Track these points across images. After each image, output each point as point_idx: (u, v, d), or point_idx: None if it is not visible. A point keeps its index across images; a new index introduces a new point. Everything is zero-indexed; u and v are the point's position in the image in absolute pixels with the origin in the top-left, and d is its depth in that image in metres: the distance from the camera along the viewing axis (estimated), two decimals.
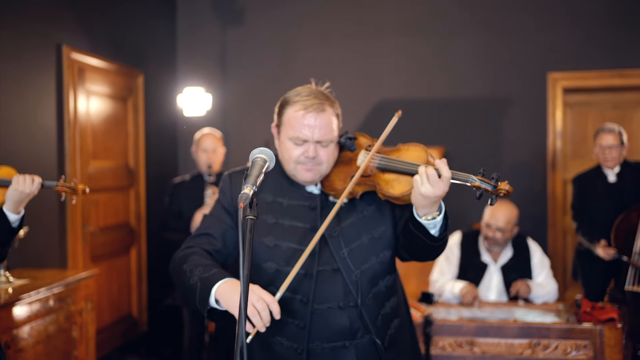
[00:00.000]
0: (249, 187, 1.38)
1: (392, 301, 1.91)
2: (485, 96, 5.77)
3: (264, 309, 1.58)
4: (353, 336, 1.82)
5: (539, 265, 3.55)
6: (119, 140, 5.16)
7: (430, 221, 1.75)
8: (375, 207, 1.89)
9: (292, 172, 1.87)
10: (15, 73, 3.92)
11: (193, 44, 6.22)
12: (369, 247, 1.85)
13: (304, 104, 1.82)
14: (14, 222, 2.41)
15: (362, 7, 5.93)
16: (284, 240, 1.83)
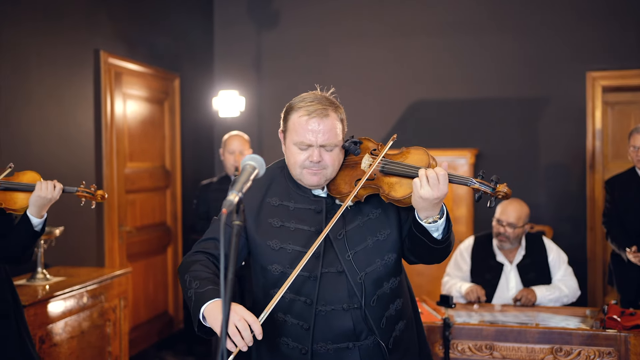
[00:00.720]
0: (234, 194, 1.42)
1: (397, 303, 1.92)
2: (520, 96, 5.68)
3: (245, 329, 1.59)
4: (357, 338, 1.84)
5: (556, 262, 3.53)
6: (156, 142, 5.29)
7: (432, 224, 1.77)
8: (382, 211, 1.91)
9: (298, 177, 1.90)
10: (55, 78, 4.07)
11: (229, 47, 6.33)
12: (373, 249, 1.87)
13: (308, 109, 1.84)
14: (36, 225, 2.52)
15: (395, 7, 5.92)
16: (289, 242, 1.86)
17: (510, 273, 3.53)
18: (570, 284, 3.45)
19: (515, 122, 5.67)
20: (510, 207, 3.51)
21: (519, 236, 3.53)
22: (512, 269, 3.54)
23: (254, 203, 1.93)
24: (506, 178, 5.67)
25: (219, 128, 6.13)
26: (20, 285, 3.40)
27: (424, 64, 5.88)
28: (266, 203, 1.92)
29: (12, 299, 2.65)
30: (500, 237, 3.52)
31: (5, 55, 3.66)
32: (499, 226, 3.53)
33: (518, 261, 3.55)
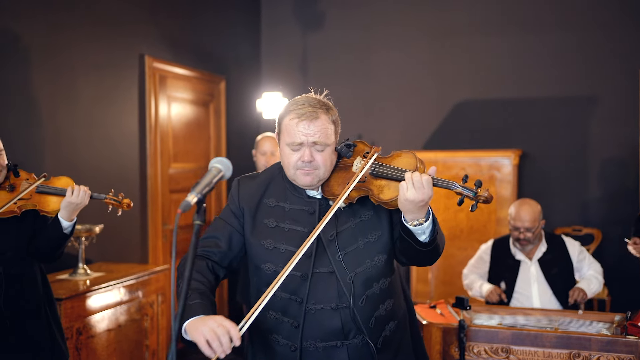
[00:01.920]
0: (192, 195, 1.47)
1: (388, 304, 1.95)
2: (567, 95, 5.51)
3: (224, 334, 1.63)
4: (345, 337, 1.87)
5: (581, 255, 3.58)
6: (200, 143, 5.45)
7: (417, 227, 1.79)
8: (374, 213, 1.95)
9: (292, 177, 1.94)
10: (100, 82, 4.27)
11: (274, 49, 6.44)
12: (364, 251, 1.90)
13: (298, 112, 1.88)
14: (66, 228, 2.67)
15: (438, 8, 5.87)
16: (283, 243, 1.92)
17: (531, 268, 3.55)
18: (597, 267, 3.56)
19: (562, 122, 5.52)
20: (522, 212, 3.51)
21: (538, 235, 3.56)
22: (532, 264, 3.56)
23: (252, 203, 1.99)
24: (552, 179, 5.56)
25: (264, 129, 6.24)
26: (62, 279, 3.59)
27: (467, 65, 5.80)
28: (263, 204, 1.99)
29: (44, 293, 2.81)
30: (522, 242, 3.54)
31: (53, 61, 3.88)
32: (517, 233, 3.52)
33: (539, 256, 3.58)
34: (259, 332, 1.97)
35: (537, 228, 3.49)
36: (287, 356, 1.90)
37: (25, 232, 2.69)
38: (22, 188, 2.67)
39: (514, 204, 3.62)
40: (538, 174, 5.60)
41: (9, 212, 2.60)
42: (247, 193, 2.02)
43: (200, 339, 1.65)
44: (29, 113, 3.72)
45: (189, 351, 4.98)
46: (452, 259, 5.39)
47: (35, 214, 2.71)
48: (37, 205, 2.68)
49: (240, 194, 2.02)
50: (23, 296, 2.68)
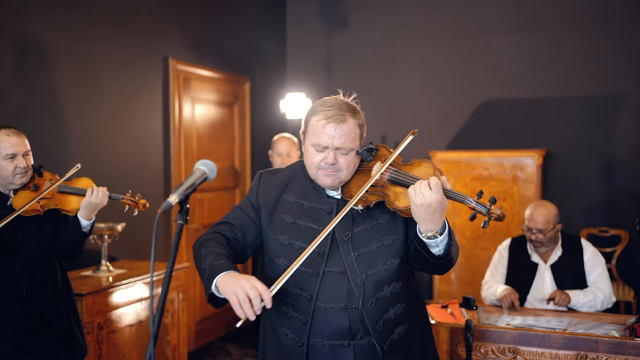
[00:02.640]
0: (174, 197, 1.52)
1: (398, 308, 1.95)
2: (593, 94, 5.42)
3: (256, 297, 1.66)
4: (353, 337, 1.89)
5: (591, 263, 3.43)
6: (225, 143, 5.55)
7: (432, 240, 1.78)
8: (390, 217, 1.96)
9: (314, 177, 1.97)
10: (125, 85, 4.39)
11: (299, 49, 6.50)
12: (377, 253, 1.92)
13: (326, 114, 1.90)
14: (85, 227, 2.79)
15: (465, 6, 5.84)
16: (297, 239, 1.95)
17: (545, 272, 3.48)
18: (604, 288, 3.33)
19: (587, 121, 5.43)
20: (536, 213, 3.45)
21: (552, 238, 3.48)
22: (546, 269, 3.49)
23: (271, 198, 2.03)
24: (577, 179, 5.48)
25: (288, 130, 6.31)
26: (85, 276, 3.71)
27: (491, 64, 5.76)
28: (282, 199, 2.02)
29: (64, 289, 2.92)
30: (534, 243, 3.48)
31: (79, 64, 4.01)
32: (529, 233, 3.47)
33: (553, 261, 3.50)
34: (270, 325, 2.02)
35: (551, 231, 3.43)
36: (294, 351, 1.94)
37: (48, 230, 2.81)
38: (45, 188, 2.79)
39: (531, 204, 3.57)
40: (563, 173, 5.53)
41: (33, 211, 2.72)
42: (267, 187, 2.05)
43: (233, 298, 1.68)
44: (56, 115, 3.85)
45: (208, 352, 5.07)
46: (475, 259, 5.37)
47: (57, 213, 2.83)
48: (59, 204, 2.79)
49: (260, 187, 2.06)
50: (44, 292, 2.79)
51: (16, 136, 2.69)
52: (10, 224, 2.68)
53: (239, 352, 5.10)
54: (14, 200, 2.73)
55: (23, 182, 2.73)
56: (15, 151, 2.66)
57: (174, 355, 4.06)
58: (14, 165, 2.67)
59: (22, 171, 2.69)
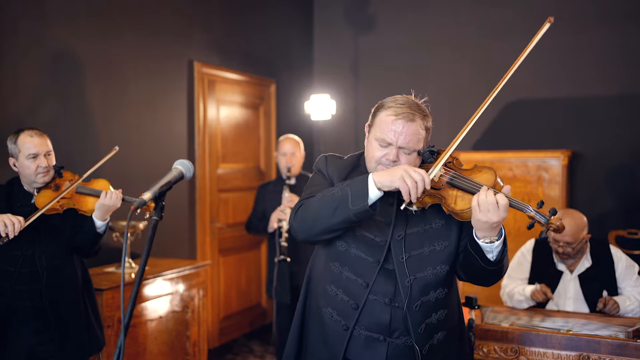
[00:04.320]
0: (148, 194, 1.58)
1: (441, 314, 1.95)
2: (620, 93, 5.32)
3: (421, 180, 1.77)
4: (390, 334, 1.91)
5: (626, 273, 3.25)
6: (250, 144, 5.64)
7: (488, 244, 1.80)
8: (445, 222, 1.95)
9: (373, 171, 1.94)
10: (151, 87, 4.53)
11: (326, 51, 6.56)
12: (428, 257, 1.92)
13: (396, 110, 1.92)
14: (99, 227, 2.91)
15: (487, 8, 5.81)
16: (354, 247, 1.95)
17: (570, 283, 3.31)
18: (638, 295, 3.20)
19: (615, 121, 5.33)
20: (565, 225, 3.24)
21: (579, 250, 3.30)
22: (572, 279, 3.32)
23: (339, 177, 2.02)
24: (605, 180, 5.39)
25: (315, 131, 6.37)
26: (107, 272, 3.85)
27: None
28: None
29: (82, 283, 3.05)
30: (561, 256, 3.30)
31: (107, 70, 4.16)
32: (556, 245, 3.29)
33: (581, 271, 3.32)
34: (316, 302, 2.03)
35: (579, 243, 3.25)
36: (337, 332, 1.95)
37: (66, 228, 2.94)
38: (64, 188, 2.93)
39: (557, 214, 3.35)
40: (590, 174, 5.44)
41: (53, 210, 2.86)
42: (336, 167, 2.06)
43: (402, 184, 1.76)
44: (85, 119, 4.01)
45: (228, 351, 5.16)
46: None
47: (75, 212, 2.96)
48: (76, 204, 2.92)
49: (329, 166, 2.07)
50: (63, 287, 2.92)
51: (38, 137, 2.83)
52: (33, 221, 2.83)
53: (262, 350, 5.18)
54: (36, 199, 2.87)
55: (45, 180, 2.87)
56: (37, 151, 2.81)
57: (194, 351, 4.17)
58: (36, 164, 2.81)
59: (44, 170, 2.83)
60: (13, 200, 2.88)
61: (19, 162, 2.82)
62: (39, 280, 2.84)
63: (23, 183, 2.90)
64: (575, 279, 3.32)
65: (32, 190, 2.90)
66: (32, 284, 2.83)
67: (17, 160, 2.83)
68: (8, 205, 2.86)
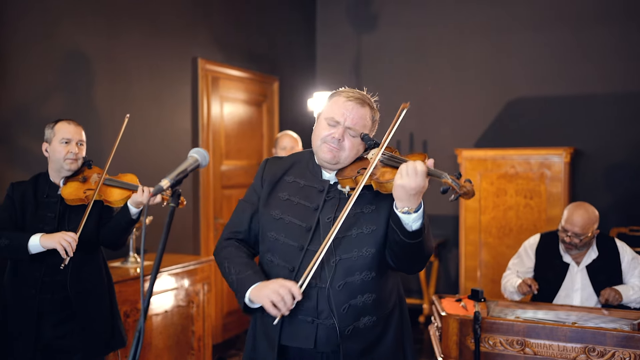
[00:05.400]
0: (165, 181, 1.61)
1: (367, 297, 1.98)
2: (622, 91, 5.35)
3: (287, 294, 1.85)
4: (318, 315, 1.96)
5: (631, 265, 3.30)
6: (253, 141, 5.67)
7: (405, 215, 1.84)
8: (375, 208, 2.02)
9: (317, 149, 2.06)
10: (155, 84, 4.55)
11: (329, 49, 6.58)
12: (355, 240, 1.98)
13: (349, 95, 2.03)
14: (134, 214, 2.94)
15: (492, 5, 5.83)
16: (288, 214, 2.05)
17: (577, 275, 3.36)
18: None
19: (617, 119, 5.36)
20: (575, 215, 3.28)
21: (587, 243, 3.34)
22: (579, 271, 3.37)
23: (274, 180, 2.14)
24: (607, 177, 5.41)
25: None
26: (114, 266, 3.87)
27: (520, 62, 5.74)
28: (283, 180, 2.14)
29: (107, 279, 3.07)
30: (567, 246, 3.34)
31: (111, 65, 4.18)
32: (564, 235, 3.33)
33: (587, 263, 3.36)
34: None
35: (588, 236, 3.28)
36: (272, 321, 1.96)
37: (93, 219, 2.96)
38: (92, 180, 2.96)
39: (570, 205, 3.40)
40: (593, 172, 5.47)
41: (79, 200, 2.89)
42: (271, 170, 2.16)
43: (266, 302, 1.87)
44: (92, 116, 4.03)
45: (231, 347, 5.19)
46: (501, 257, 5.35)
47: (101, 204, 2.98)
48: (102, 195, 2.94)
49: (266, 170, 2.17)
50: (88, 279, 2.94)
51: (74, 125, 2.94)
52: (59, 212, 2.86)
53: None
54: (62, 190, 2.90)
55: (72, 168, 2.92)
56: (71, 137, 2.89)
57: (199, 345, 4.19)
58: (67, 150, 2.88)
59: (73, 157, 2.90)
60: (39, 193, 2.91)
61: (52, 147, 2.89)
62: (64, 272, 2.85)
63: (50, 171, 2.95)
64: (582, 270, 3.37)
65: (58, 181, 2.94)
66: (58, 276, 2.85)
67: (50, 144, 2.90)
68: (34, 198, 2.89)
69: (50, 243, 2.72)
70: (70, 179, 2.95)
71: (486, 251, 5.42)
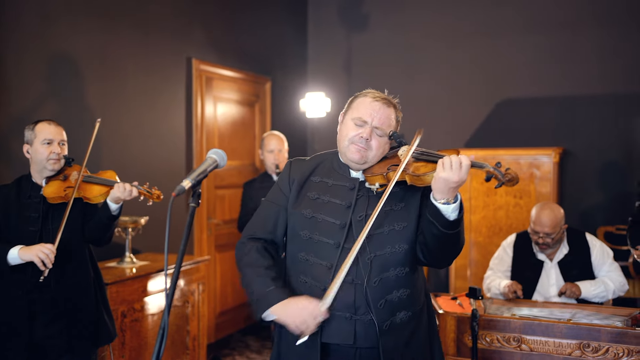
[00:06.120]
0: (187, 181, 1.65)
1: (402, 292, 2.04)
2: (611, 93, 5.44)
3: (311, 317, 1.91)
4: (355, 311, 2.00)
5: (600, 259, 3.47)
6: (246, 141, 5.69)
7: (444, 205, 1.89)
8: (405, 205, 2.08)
9: (344, 150, 2.11)
10: (150, 84, 4.56)
11: (320, 50, 6.62)
12: (388, 237, 2.03)
13: (374, 95, 2.12)
14: (114, 210, 2.96)
15: (481, 7, 5.90)
16: (321, 213, 2.09)
17: (551, 270, 3.51)
18: (615, 277, 3.40)
19: (606, 120, 5.46)
20: (543, 216, 3.43)
21: (558, 240, 3.49)
22: (552, 267, 3.51)
23: (301, 180, 2.17)
24: (595, 177, 5.50)
25: (310, 128, 6.43)
26: (110, 267, 3.88)
27: (510, 64, 5.81)
28: (310, 180, 2.17)
29: (94, 275, 3.08)
30: (541, 246, 3.48)
31: (105, 66, 4.18)
32: (536, 237, 3.47)
33: (559, 258, 3.52)
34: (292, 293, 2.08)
35: (558, 234, 3.44)
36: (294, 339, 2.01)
37: (76, 218, 2.97)
38: (72, 178, 2.98)
39: (536, 206, 3.55)
40: (581, 172, 5.56)
41: (59, 198, 2.91)
42: (298, 171, 2.20)
43: (291, 324, 1.93)
44: (85, 117, 4.03)
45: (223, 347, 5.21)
46: (491, 256, 5.38)
47: (81, 201, 2.99)
48: (83, 192, 2.96)
49: (292, 170, 2.21)
50: (73, 277, 2.95)
51: (55, 125, 2.96)
52: (43, 212, 2.87)
53: (258, 345, 5.23)
54: (44, 189, 2.92)
55: (55, 168, 2.94)
56: (52, 137, 2.91)
57: (193, 345, 4.21)
58: (50, 150, 2.90)
59: (56, 157, 2.92)
60: (22, 194, 2.92)
61: (33, 148, 2.91)
62: (49, 271, 2.86)
63: (33, 172, 2.96)
64: (555, 266, 3.52)
65: (40, 181, 2.95)
66: (40, 275, 2.85)
67: (32, 146, 2.91)
68: (18, 200, 2.90)
69: (28, 256, 2.75)
70: (52, 178, 2.98)
71: (476, 250, 5.49)
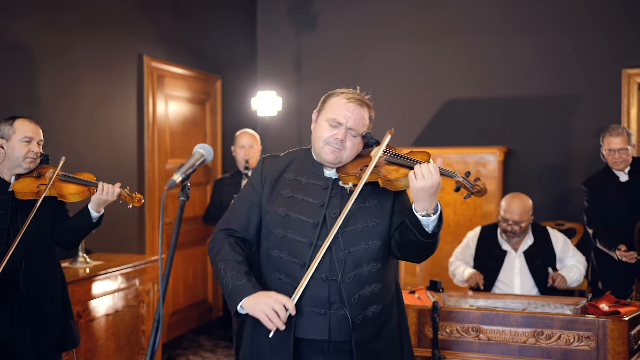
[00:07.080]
0: (178, 175, 1.67)
1: (374, 287, 2.09)
2: (552, 94, 5.71)
3: (282, 309, 1.92)
4: (330, 307, 2.05)
5: (564, 248, 3.75)
6: (197, 140, 5.64)
7: (425, 217, 1.95)
8: (378, 202, 2.13)
9: (319, 151, 2.13)
10: (101, 82, 4.47)
11: (270, 49, 6.64)
12: (361, 233, 2.08)
13: (348, 96, 2.13)
14: (94, 218, 2.93)
15: (428, 8, 6.07)
16: (294, 211, 2.11)
17: (515, 260, 3.72)
18: (580, 259, 3.73)
19: (546, 120, 5.71)
20: (513, 205, 3.64)
21: (525, 229, 3.70)
22: (517, 257, 3.73)
23: (274, 177, 2.19)
24: (536, 175, 5.74)
25: (259, 127, 6.44)
26: (64, 267, 3.76)
27: (456, 65, 5.99)
28: (283, 177, 2.19)
29: (60, 279, 3.01)
30: (508, 234, 3.69)
31: (54, 61, 4.08)
32: (505, 225, 3.67)
33: (524, 249, 3.73)
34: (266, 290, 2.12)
35: (526, 222, 3.64)
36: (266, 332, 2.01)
37: (46, 217, 2.90)
38: (47, 176, 2.90)
39: (507, 196, 3.78)
40: (523, 169, 5.79)
41: (30, 194, 2.83)
42: (270, 167, 2.21)
43: (262, 315, 1.93)
44: (32, 111, 3.91)
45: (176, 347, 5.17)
46: (439, 252, 5.52)
47: (55, 200, 2.92)
48: (57, 190, 2.88)
49: (264, 168, 2.22)
50: (41, 277, 2.87)
51: (34, 124, 2.90)
52: (11, 209, 2.80)
53: (211, 344, 5.20)
54: (14, 185, 2.84)
55: (30, 167, 2.88)
56: (32, 136, 2.85)
57: None
58: (28, 149, 2.83)
59: (34, 156, 2.86)
60: None
61: (10, 144, 2.81)
62: (16, 270, 2.78)
63: (2, 168, 2.86)
64: (520, 255, 3.73)
65: (9, 178, 2.87)
66: (10, 274, 2.77)
67: (8, 141, 2.81)
68: None
69: None
70: (22, 175, 2.90)
71: None
